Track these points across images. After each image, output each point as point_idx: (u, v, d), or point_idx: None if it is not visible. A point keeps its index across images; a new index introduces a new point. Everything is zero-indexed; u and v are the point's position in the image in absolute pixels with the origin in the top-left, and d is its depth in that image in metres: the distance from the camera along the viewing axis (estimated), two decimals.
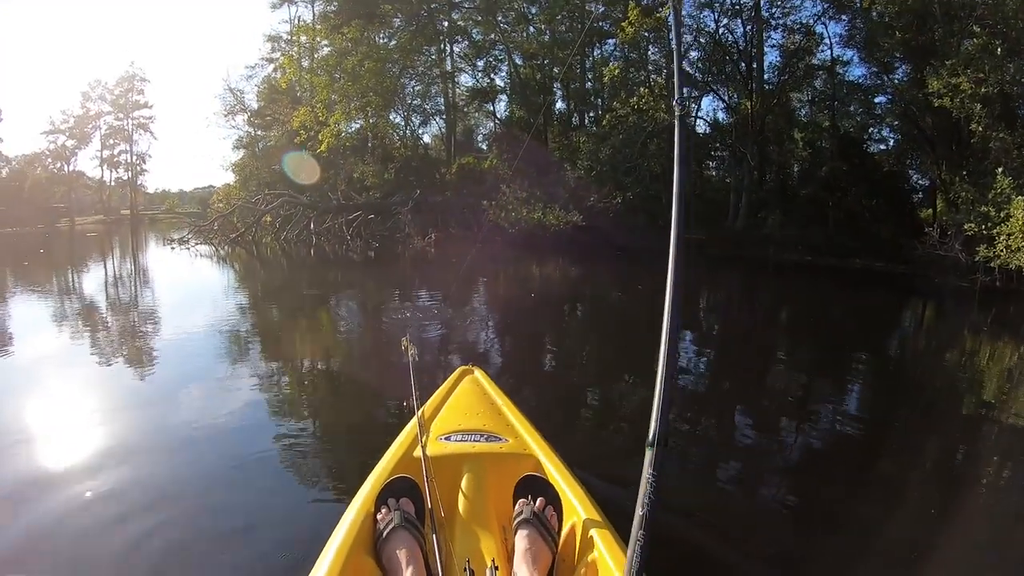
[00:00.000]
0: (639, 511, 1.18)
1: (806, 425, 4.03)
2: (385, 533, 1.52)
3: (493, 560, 1.39)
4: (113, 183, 39.76)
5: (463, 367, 2.71)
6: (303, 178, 18.53)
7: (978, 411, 4.49)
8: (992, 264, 10.70)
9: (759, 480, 3.17)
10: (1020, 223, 10.14)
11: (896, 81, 16.62)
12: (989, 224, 10.78)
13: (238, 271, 13.80)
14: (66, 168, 38.06)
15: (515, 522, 1.60)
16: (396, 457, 1.91)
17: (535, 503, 1.65)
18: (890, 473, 3.27)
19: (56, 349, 5.43)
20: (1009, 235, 10.31)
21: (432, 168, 19.90)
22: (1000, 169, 11.15)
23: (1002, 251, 10.40)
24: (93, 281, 11.46)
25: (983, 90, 12.12)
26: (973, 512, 2.73)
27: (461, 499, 1.80)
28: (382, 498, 1.64)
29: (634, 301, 9.26)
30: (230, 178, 26.13)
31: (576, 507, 1.66)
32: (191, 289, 10.45)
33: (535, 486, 1.73)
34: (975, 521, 2.65)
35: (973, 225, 11.09)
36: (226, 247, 17.26)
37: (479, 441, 2.01)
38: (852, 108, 18.47)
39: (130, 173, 39.06)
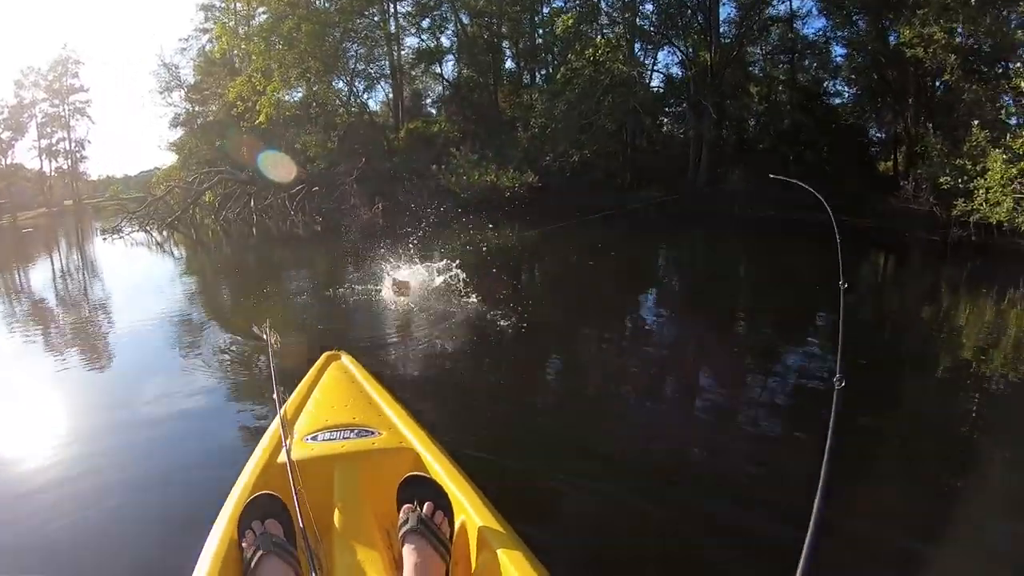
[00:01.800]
0: None
1: (775, 387, 3.95)
2: (253, 563, 1.34)
3: None
4: (54, 173, 37.60)
5: (328, 352, 2.45)
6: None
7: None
8: (968, 219, 10.38)
9: (723, 444, 3.04)
10: (999, 176, 9.81)
11: (858, 33, 16.20)
12: (965, 178, 10.46)
13: (162, 260, 12.81)
14: (3, 162, 35.96)
15: (401, 532, 1.44)
16: (259, 467, 1.68)
17: (421, 508, 1.47)
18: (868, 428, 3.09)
19: None
20: (988, 188, 9.98)
21: (379, 135, 18.91)
22: (976, 122, 10.89)
23: (981, 205, 10.08)
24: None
25: (956, 40, 11.86)
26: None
27: (335, 508, 1.61)
28: (245, 521, 1.43)
29: (601, 271, 8.53)
30: (172, 158, 24.76)
31: (465, 506, 1.52)
32: (95, 290, 9.17)
33: (419, 487, 1.53)
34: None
35: (948, 179, 10.78)
36: (163, 232, 16.17)
37: (349, 437, 1.80)
38: (808, 62, 18.12)
39: (70, 161, 37.05)
